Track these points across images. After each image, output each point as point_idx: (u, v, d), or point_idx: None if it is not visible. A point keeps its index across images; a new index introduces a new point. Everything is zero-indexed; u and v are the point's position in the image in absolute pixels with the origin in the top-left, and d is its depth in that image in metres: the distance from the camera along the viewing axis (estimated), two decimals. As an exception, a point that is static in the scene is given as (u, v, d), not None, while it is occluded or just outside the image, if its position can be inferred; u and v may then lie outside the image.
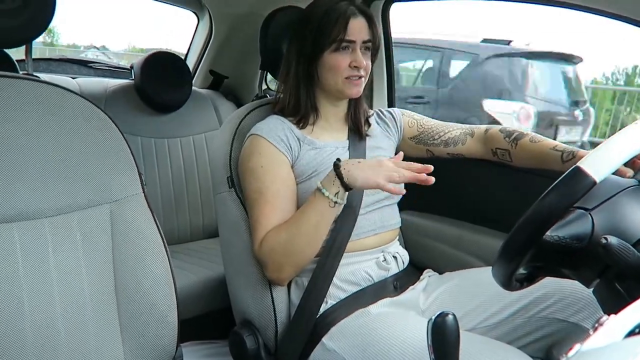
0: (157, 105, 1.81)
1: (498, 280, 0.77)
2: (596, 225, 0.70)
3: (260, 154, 1.06)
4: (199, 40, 2.10)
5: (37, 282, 0.81)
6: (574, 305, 1.00)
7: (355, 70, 1.07)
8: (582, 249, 0.70)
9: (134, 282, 0.88)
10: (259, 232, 1.03)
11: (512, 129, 1.20)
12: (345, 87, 1.08)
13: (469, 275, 1.15)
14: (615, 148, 0.66)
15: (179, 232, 1.81)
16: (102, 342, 0.86)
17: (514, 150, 1.17)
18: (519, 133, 1.18)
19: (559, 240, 0.70)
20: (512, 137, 1.17)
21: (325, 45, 1.06)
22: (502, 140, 1.19)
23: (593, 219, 0.71)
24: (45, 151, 0.84)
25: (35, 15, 0.91)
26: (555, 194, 0.66)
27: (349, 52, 1.07)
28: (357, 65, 1.06)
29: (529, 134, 1.17)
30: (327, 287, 1.06)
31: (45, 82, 0.88)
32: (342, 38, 1.05)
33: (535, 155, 1.13)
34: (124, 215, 0.89)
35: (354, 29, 1.06)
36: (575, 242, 0.70)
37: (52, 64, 2.04)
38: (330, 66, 1.07)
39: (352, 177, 0.95)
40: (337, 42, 1.05)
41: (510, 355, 0.88)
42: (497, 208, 1.29)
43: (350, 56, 1.06)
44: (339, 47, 1.06)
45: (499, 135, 1.20)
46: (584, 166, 0.65)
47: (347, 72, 1.07)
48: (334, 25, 1.05)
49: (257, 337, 1.10)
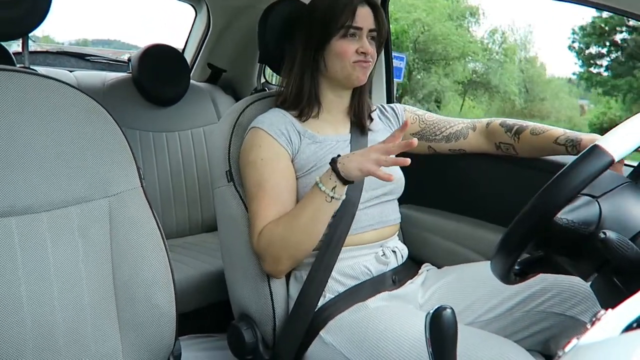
0: (155, 99, 1.80)
1: (496, 274, 0.77)
2: (603, 212, 0.70)
3: (261, 146, 1.06)
4: (197, 34, 2.09)
5: (36, 275, 0.81)
6: (572, 299, 1.00)
7: (362, 56, 1.08)
8: (587, 237, 0.69)
9: (133, 276, 0.88)
10: (257, 225, 1.03)
11: (512, 122, 1.20)
12: (353, 71, 1.08)
13: (467, 270, 1.15)
14: (634, 128, 0.66)
15: (178, 226, 1.81)
16: (100, 335, 0.86)
17: (518, 145, 1.17)
18: (519, 126, 1.17)
19: (568, 223, 0.70)
20: (513, 131, 1.18)
21: (333, 32, 1.07)
22: (504, 135, 1.19)
23: (600, 206, 0.71)
24: (42, 145, 0.84)
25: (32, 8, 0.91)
26: (573, 170, 0.66)
27: (356, 39, 1.08)
28: (365, 51, 1.07)
29: (529, 125, 1.17)
30: (325, 281, 1.06)
31: (43, 76, 0.87)
32: (349, 25, 1.06)
33: (539, 148, 1.15)
34: (122, 209, 0.89)
35: (361, 17, 1.07)
36: (583, 227, 0.70)
37: (49, 57, 2.03)
38: (338, 53, 1.08)
39: (347, 169, 0.95)
40: (344, 29, 1.07)
41: (508, 349, 0.88)
42: (496, 202, 1.29)
43: (358, 43, 1.08)
44: (346, 34, 1.07)
45: (500, 130, 1.20)
46: (602, 144, 0.66)
47: (355, 57, 1.08)
48: (342, 12, 1.06)
49: (256, 330, 1.10)
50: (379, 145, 0.94)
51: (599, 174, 0.66)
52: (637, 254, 0.64)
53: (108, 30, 15.12)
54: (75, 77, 1.77)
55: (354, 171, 0.94)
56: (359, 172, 0.94)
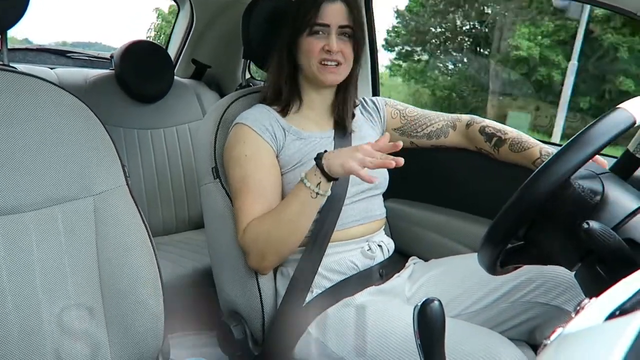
0: (138, 96, 1.78)
1: (483, 265, 0.78)
2: (606, 188, 0.72)
3: (245, 142, 1.06)
4: (180, 29, 2.06)
5: (21, 275, 0.80)
6: (556, 289, 1.02)
7: (327, 54, 1.06)
8: (587, 211, 0.70)
9: (119, 274, 0.87)
10: (242, 221, 1.03)
11: (491, 131, 1.18)
12: (319, 73, 1.07)
13: (454, 263, 1.16)
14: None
15: (164, 223, 1.79)
16: (87, 334, 0.85)
17: (497, 155, 1.18)
18: (498, 138, 1.16)
19: (580, 187, 0.71)
20: (492, 142, 1.17)
21: (301, 29, 1.06)
22: (484, 144, 1.19)
23: (602, 181, 0.73)
24: (25, 144, 0.82)
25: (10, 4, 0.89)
26: (598, 126, 0.66)
27: (324, 36, 1.06)
28: (329, 49, 1.05)
29: (508, 138, 1.15)
30: (312, 277, 1.06)
31: (22, 73, 0.86)
32: (314, 22, 1.05)
33: (518, 164, 1.14)
34: (107, 208, 0.88)
35: (328, 13, 1.05)
36: (590, 196, 0.71)
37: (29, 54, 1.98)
38: (304, 50, 1.07)
39: (331, 165, 0.94)
40: (309, 26, 1.05)
41: (494, 341, 0.89)
42: (482, 195, 1.30)
43: (324, 40, 1.06)
44: (312, 31, 1.06)
45: (480, 138, 1.19)
46: (625, 106, 0.67)
47: (321, 55, 1.06)
48: (308, 10, 1.05)
49: (245, 327, 1.10)
50: (366, 147, 0.92)
51: (622, 133, 0.66)
52: (619, 244, 0.65)
53: (89, 32, 14.69)
54: (56, 74, 1.74)
55: (337, 167, 0.93)
56: (342, 170, 0.93)
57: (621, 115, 0.67)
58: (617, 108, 0.68)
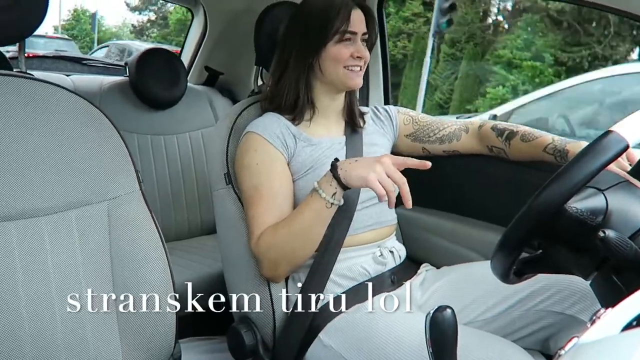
0: (152, 102, 1.80)
1: (496, 273, 0.77)
2: (610, 204, 0.70)
3: (256, 150, 1.06)
4: (194, 37, 2.09)
5: (35, 280, 0.81)
6: (571, 297, 1.00)
7: (357, 60, 1.08)
8: (590, 231, 0.68)
9: (132, 278, 0.88)
10: (255, 230, 1.03)
11: (503, 126, 1.21)
12: (347, 78, 1.09)
13: (466, 270, 1.15)
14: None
15: (177, 229, 1.81)
16: (99, 338, 0.85)
17: (509, 149, 1.19)
18: (510, 131, 1.19)
19: (577, 212, 0.70)
20: (504, 136, 1.19)
21: (329, 36, 1.07)
22: (496, 139, 1.21)
23: (606, 198, 0.71)
24: (41, 150, 0.83)
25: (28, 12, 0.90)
26: (588, 155, 0.65)
27: (351, 43, 1.08)
28: (360, 55, 1.08)
29: (520, 130, 1.18)
30: (324, 283, 1.06)
31: (39, 80, 0.87)
32: (345, 29, 1.06)
33: (529, 155, 1.16)
34: (121, 213, 0.89)
35: (355, 21, 1.07)
36: (591, 217, 0.69)
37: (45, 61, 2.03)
38: (333, 57, 1.08)
39: (349, 176, 0.94)
40: (340, 34, 1.07)
41: (507, 349, 0.88)
42: (494, 202, 1.29)
43: (353, 47, 1.08)
44: (342, 39, 1.07)
45: (491, 134, 1.21)
46: (617, 129, 0.65)
47: (350, 62, 1.08)
48: (337, 17, 1.06)
49: (255, 333, 1.10)
50: (387, 161, 0.92)
51: (613, 159, 0.65)
52: (636, 253, 0.64)
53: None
54: (72, 81, 1.76)
55: (355, 180, 0.93)
56: (360, 182, 0.92)
57: (614, 139, 0.66)
58: (609, 131, 0.67)
